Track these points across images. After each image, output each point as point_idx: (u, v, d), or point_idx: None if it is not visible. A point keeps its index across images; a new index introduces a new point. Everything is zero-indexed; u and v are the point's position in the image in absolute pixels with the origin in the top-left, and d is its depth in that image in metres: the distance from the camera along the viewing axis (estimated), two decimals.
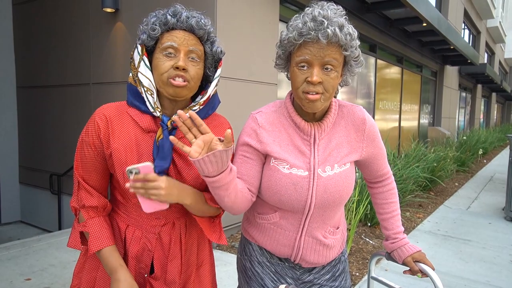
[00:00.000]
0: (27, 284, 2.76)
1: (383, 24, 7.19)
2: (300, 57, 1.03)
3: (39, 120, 5.06)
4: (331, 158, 1.13)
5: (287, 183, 1.10)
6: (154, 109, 1.06)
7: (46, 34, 4.87)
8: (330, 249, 1.22)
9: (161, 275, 1.13)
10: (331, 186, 1.11)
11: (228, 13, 3.51)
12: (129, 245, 1.11)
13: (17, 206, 5.45)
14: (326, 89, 1.04)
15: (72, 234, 1.09)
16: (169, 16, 1.02)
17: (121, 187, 1.07)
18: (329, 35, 0.99)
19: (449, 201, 5.69)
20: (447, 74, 12.52)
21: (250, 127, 1.15)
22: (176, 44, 1.02)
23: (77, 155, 1.08)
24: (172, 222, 1.14)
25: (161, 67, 1.02)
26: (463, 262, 3.34)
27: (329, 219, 1.17)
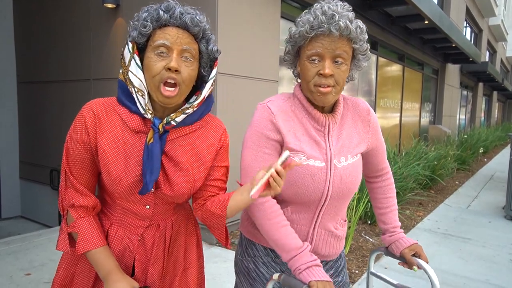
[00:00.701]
0: (27, 279, 2.76)
1: (384, 21, 7.16)
2: (312, 51, 1.05)
3: (40, 116, 5.06)
4: (344, 149, 1.15)
5: (305, 174, 1.09)
6: (145, 111, 1.00)
7: (47, 29, 4.86)
8: (340, 240, 1.24)
9: (141, 277, 1.09)
10: (346, 176, 1.13)
11: (229, 10, 3.50)
12: (110, 244, 1.08)
13: (17, 201, 5.46)
14: (337, 81, 1.06)
15: (60, 237, 1.03)
16: (162, 11, 0.95)
17: (106, 185, 1.03)
18: (341, 27, 1.01)
19: (449, 199, 5.69)
20: (449, 72, 12.49)
21: (264, 117, 1.11)
22: (168, 42, 0.95)
23: (65, 152, 1.02)
24: (157, 223, 1.11)
25: (153, 68, 0.95)
26: (462, 261, 3.35)
27: (341, 210, 1.20)
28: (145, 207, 1.07)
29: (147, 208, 1.07)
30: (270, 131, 1.11)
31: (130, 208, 1.07)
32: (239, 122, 3.65)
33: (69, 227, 1.01)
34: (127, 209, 1.07)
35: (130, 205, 1.06)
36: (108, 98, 1.06)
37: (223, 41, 3.46)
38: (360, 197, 3.85)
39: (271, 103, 1.14)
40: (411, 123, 10.10)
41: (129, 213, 1.08)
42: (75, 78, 4.57)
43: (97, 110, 1.01)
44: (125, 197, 1.04)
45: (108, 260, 1.01)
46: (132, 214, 1.08)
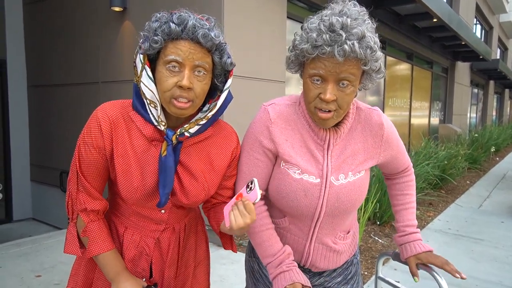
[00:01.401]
0: (37, 281, 2.79)
1: (392, 20, 7.10)
2: (314, 70, 0.94)
3: (50, 119, 5.12)
4: (346, 165, 1.07)
5: (297, 188, 1.04)
6: (158, 123, 0.98)
7: (56, 33, 4.91)
8: (340, 254, 1.18)
9: (158, 279, 1.12)
10: (344, 195, 1.06)
11: (235, 10, 3.49)
12: (126, 248, 1.08)
13: (28, 203, 5.53)
14: (340, 106, 0.96)
15: (68, 240, 1.03)
16: (173, 25, 0.90)
17: (121, 192, 1.02)
18: (346, 51, 0.89)
19: (460, 199, 5.61)
20: (459, 70, 12.33)
21: (261, 121, 1.07)
22: (180, 58, 0.91)
23: (78, 156, 1.01)
24: (172, 227, 1.12)
25: (164, 85, 0.92)
26: (474, 262, 3.29)
27: (339, 225, 1.13)
28: (161, 211, 1.08)
29: (163, 212, 1.08)
30: (264, 138, 1.06)
31: (145, 214, 1.07)
32: (245, 124, 3.64)
33: (82, 232, 1.01)
34: (142, 214, 1.07)
35: (145, 210, 1.06)
36: (122, 102, 1.04)
37: (228, 41, 3.45)
38: (368, 197, 3.81)
39: (272, 107, 1.07)
40: (421, 123, 9.99)
41: (144, 217, 1.08)
42: (83, 81, 4.61)
43: (112, 115, 0.99)
44: (141, 204, 1.04)
45: (116, 262, 1.03)
46: (147, 219, 1.08)
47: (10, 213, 5.33)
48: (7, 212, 5.30)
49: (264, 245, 1.08)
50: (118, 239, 1.10)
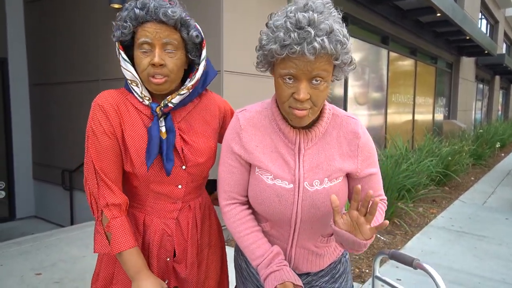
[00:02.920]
0: (37, 279, 2.79)
1: (395, 15, 7.02)
2: (284, 70, 0.91)
3: (51, 117, 5.13)
4: (320, 171, 1.02)
5: (271, 194, 1.02)
6: (142, 99, 1.07)
7: (56, 31, 4.91)
8: (323, 257, 1.15)
9: (182, 258, 1.16)
10: (319, 201, 1.02)
11: (235, 6, 3.46)
12: (149, 234, 1.13)
13: (31, 201, 5.55)
14: (315, 103, 0.94)
15: (97, 239, 1.05)
16: (137, 9, 0.99)
17: (138, 171, 1.06)
18: (317, 49, 0.85)
19: (464, 196, 5.56)
20: (463, 66, 12.21)
21: (232, 128, 1.08)
22: (149, 39, 0.99)
23: (91, 149, 1.03)
24: (188, 205, 1.17)
25: (140, 65, 1.02)
26: (477, 259, 3.25)
27: (320, 230, 1.09)
28: (178, 187, 1.12)
29: (180, 188, 1.13)
30: (235, 144, 1.06)
31: (163, 191, 1.11)
32: None
33: (105, 228, 1.03)
34: (160, 193, 1.11)
35: (163, 187, 1.10)
36: (116, 90, 1.11)
37: (228, 38, 3.42)
38: None
39: (243, 114, 1.07)
40: (425, 118, 9.91)
41: (161, 198, 1.12)
42: (84, 79, 4.61)
43: (113, 100, 1.06)
44: (159, 178, 1.08)
45: (138, 260, 1.03)
46: (165, 198, 1.12)
47: (13, 211, 5.36)
48: (10, 210, 5.33)
49: (251, 248, 1.06)
50: (139, 228, 1.13)
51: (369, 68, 6.73)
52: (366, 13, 6.17)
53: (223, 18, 3.35)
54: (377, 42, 6.90)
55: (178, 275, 1.17)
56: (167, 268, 1.15)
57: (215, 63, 3.41)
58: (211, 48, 3.43)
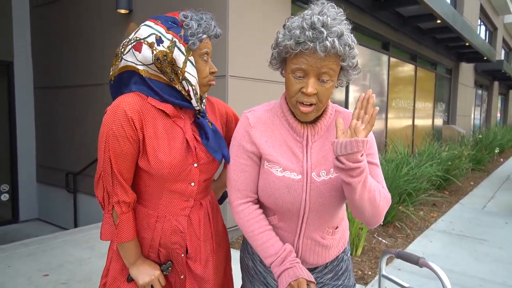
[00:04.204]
0: (45, 280, 2.83)
1: (396, 21, 7.11)
2: (296, 65, 1.01)
3: (55, 120, 5.18)
4: (326, 162, 1.10)
5: (280, 186, 1.09)
6: (197, 104, 1.17)
7: (62, 35, 4.97)
8: (329, 249, 1.20)
9: (195, 255, 1.22)
10: (327, 191, 1.08)
11: (240, 12, 3.53)
12: (161, 230, 1.18)
13: (34, 204, 5.59)
14: (320, 100, 1.03)
15: (105, 229, 1.15)
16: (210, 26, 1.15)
17: (155, 171, 1.12)
18: (328, 47, 0.96)
19: (464, 200, 5.61)
20: (463, 71, 12.31)
21: (242, 127, 1.15)
22: (209, 50, 1.17)
23: (108, 151, 1.09)
24: (199, 202, 1.23)
25: (204, 72, 1.16)
26: (478, 262, 3.30)
27: (327, 221, 1.15)
28: (190, 184, 1.18)
29: (192, 185, 1.19)
30: (246, 142, 1.13)
31: (176, 189, 1.17)
32: None
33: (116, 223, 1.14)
34: (174, 191, 1.17)
35: (177, 185, 1.16)
36: (135, 94, 1.12)
37: (233, 43, 3.49)
38: None
39: (251, 113, 1.15)
40: (424, 124, 9.98)
41: (175, 196, 1.18)
42: (89, 83, 4.66)
43: (137, 106, 1.10)
44: (174, 176, 1.14)
45: (137, 249, 1.17)
46: (178, 196, 1.18)
47: (16, 214, 5.39)
48: (13, 212, 5.37)
49: (264, 246, 1.11)
50: (152, 224, 1.19)
51: (370, 74, 6.81)
52: (367, 19, 6.25)
53: (229, 24, 3.41)
54: (378, 48, 6.99)
55: (193, 271, 1.22)
56: (182, 264, 1.21)
57: (220, 68, 3.47)
58: (216, 53, 3.49)
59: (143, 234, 1.19)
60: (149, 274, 1.16)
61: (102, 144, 1.09)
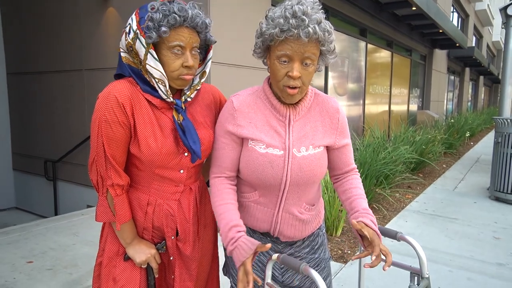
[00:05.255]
0: (29, 266, 2.83)
1: (373, 8, 7.23)
2: (281, 52, 1.09)
3: (31, 107, 5.05)
4: (306, 140, 1.20)
5: (264, 161, 1.18)
6: (167, 96, 1.15)
7: (35, 22, 4.81)
8: (306, 224, 1.30)
9: (185, 237, 1.27)
10: (306, 165, 1.19)
11: (222, 2, 3.53)
12: (153, 214, 1.23)
13: (11, 192, 5.47)
14: (304, 82, 1.13)
15: (100, 210, 1.19)
16: (177, 16, 1.07)
17: (145, 158, 1.15)
18: (310, 33, 1.05)
19: (437, 182, 5.87)
20: (436, 58, 12.65)
21: (227, 110, 1.23)
22: (183, 43, 1.10)
23: (101, 135, 1.11)
24: (189, 187, 1.28)
25: (172, 66, 1.11)
26: (448, 239, 3.51)
27: (304, 196, 1.25)
28: (180, 171, 1.23)
29: (181, 172, 1.23)
30: (229, 124, 1.21)
31: (166, 175, 1.21)
32: None
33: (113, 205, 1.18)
34: (164, 177, 1.21)
35: (167, 172, 1.21)
36: (126, 80, 1.16)
37: (215, 29, 3.49)
38: None
39: (236, 98, 1.23)
40: (400, 109, 10.26)
41: (165, 181, 1.22)
42: (67, 68, 4.56)
43: (127, 92, 1.13)
44: (164, 164, 1.18)
45: (133, 230, 1.22)
46: (168, 181, 1.22)
47: None
48: None
49: (219, 218, 1.20)
50: (143, 207, 1.23)
51: (348, 60, 6.92)
52: (345, 5, 6.33)
53: (210, 12, 3.41)
54: (355, 34, 7.10)
55: (182, 252, 1.29)
56: (172, 246, 1.27)
57: None
58: None
59: (135, 216, 1.24)
60: (146, 252, 1.21)
61: (95, 129, 1.12)
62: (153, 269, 1.25)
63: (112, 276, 1.23)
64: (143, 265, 1.23)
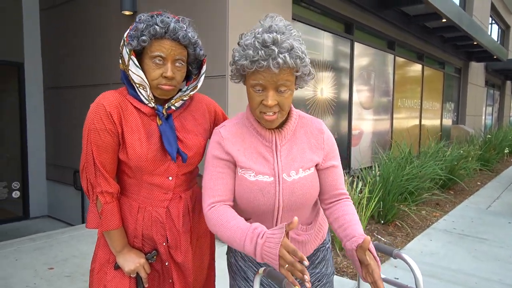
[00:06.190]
0: (50, 273, 2.94)
1: (401, 20, 7.10)
2: (255, 81, 1.07)
3: (64, 120, 5.32)
4: (295, 163, 1.18)
5: (254, 189, 1.15)
6: (148, 101, 1.20)
7: (70, 37, 5.11)
8: (305, 245, 1.27)
9: (175, 244, 1.28)
10: (297, 189, 1.16)
11: (240, 14, 3.60)
12: (143, 220, 1.26)
13: (44, 201, 5.74)
14: (282, 107, 1.10)
15: (90, 217, 1.22)
16: (158, 27, 1.12)
17: (133, 164, 1.18)
18: (280, 63, 1.02)
19: (469, 200, 5.58)
20: (472, 71, 12.17)
21: (214, 141, 1.21)
22: (164, 54, 1.14)
23: (90, 143, 1.16)
24: (179, 196, 1.29)
25: (151, 75, 1.16)
26: (476, 260, 3.31)
27: (300, 219, 1.23)
28: (168, 178, 1.25)
29: (170, 179, 1.25)
30: (220, 152, 1.18)
31: (155, 182, 1.24)
32: None
33: (99, 210, 1.20)
34: (152, 183, 1.24)
35: (155, 179, 1.23)
36: (116, 90, 1.22)
37: (233, 42, 3.56)
38: (370, 196, 3.86)
39: (223, 128, 1.22)
40: (432, 123, 9.91)
41: (154, 188, 1.24)
42: (95, 83, 4.79)
43: (115, 101, 1.18)
44: (151, 170, 1.21)
45: (123, 238, 1.24)
46: (157, 188, 1.25)
47: (27, 211, 5.55)
48: (24, 209, 5.52)
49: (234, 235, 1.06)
50: (135, 214, 1.26)
51: (374, 73, 6.81)
52: (372, 18, 6.26)
53: (229, 24, 3.48)
54: (383, 47, 6.98)
55: (174, 259, 1.30)
56: (165, 252, 1.29)
57: (220, 67, 3.55)
58: (216, 53, 3.57)
59: (126, 223, 1.26)
60: (135, 262, 1.23)
61: (85, 137, 1.17)
62: (142, 279, 1.26)
63: (103, 283, 1.26)
64: (132, 274, 1.24)
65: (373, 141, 6.95)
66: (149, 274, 1.29)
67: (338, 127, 5.90)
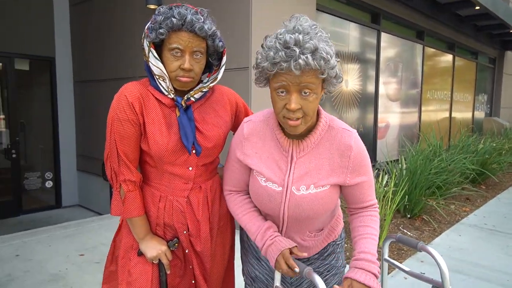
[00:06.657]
0: (81, 259, 3.06)
1: (430, 9, 6.84)
2: (277, 84, 1.03)
3: (93, 112, 5.48)
4: (308, 178, 1.13)
5: (263, 193, 1.17)
6: (168, 92, 1.22)
7: (98, 31, 5.24)
8: (310, 249, 1.27)
9: (195, 232, 1.32)
10: (305, 204, 1.13)
11: (263, 6, 3.57)
12: (164, 209, 1.29)
13: (75, 191, 5.96)
14: (306, 112, 1.04)
15: (114, 204, 1.26)
16: (175, 19, 1.13)
17: (154, 153, 1.21)
18: (302, 65, 0.97)
19: (501, 195, 5.36)
20: (508, 61, 11.61)
21: (238, 136, 1.23)
22: (181, 46, 1.15)
23: (113, 133, 1.20)
24: (199, 186, 1.31)
25: (170, 66, 1.17)
26: (508, 257, 3.18)
27: (307, 226, 1.21)
28: (188, 168, 1.27)
29: (190, 169, 1.27)
30: (238, 150, 1.22)
31: (175, 172, 1.26)
32: None
33: (122, 200, 1.24)
34: (173, 173, 1.26)
35: (175, 168, 1.25)
36: (139, 82, 1.25)
37: (257, 38, 3.54)
38: (396, 189, 3.77)
39: (248, 124, 1.21)
40: (463, 116, 9.55)
41: (175, 178, 1.27)
42: (122, 76, 4.90)
43: (137, 92, 1.21)
44: (172, 160, 1.23)
45: (146, 225, 1.27)
46: (178, 178, 1.27)
47: (59, 200, 5.78)
48: (56, 198, 5.76)
49: (248, 226, 1.23)
50: (157, 202, 1.29)
51: (402, 64, 6.62)
52: (399, 7, 6.07)
53: (252, 17, 3.47)
54: (411, 37, 6.77)
55: (194, 248, 1.33)
56: (185, 240, 1.32)
57: (243, 59, 3.54)
58: (240, 45, 3.56)
59: (149, 211, 1.29)
60: (157, 248, 1.26)
61: (108, 127, 1.21)
62: (164, 265, 1.29)
63: (127, 268, 1.30)
64: (154, 261, 1.27)
65: (400, 134, 6.78)
66: (172, 261, 1.32)
67: (364, 120, 5.78)
